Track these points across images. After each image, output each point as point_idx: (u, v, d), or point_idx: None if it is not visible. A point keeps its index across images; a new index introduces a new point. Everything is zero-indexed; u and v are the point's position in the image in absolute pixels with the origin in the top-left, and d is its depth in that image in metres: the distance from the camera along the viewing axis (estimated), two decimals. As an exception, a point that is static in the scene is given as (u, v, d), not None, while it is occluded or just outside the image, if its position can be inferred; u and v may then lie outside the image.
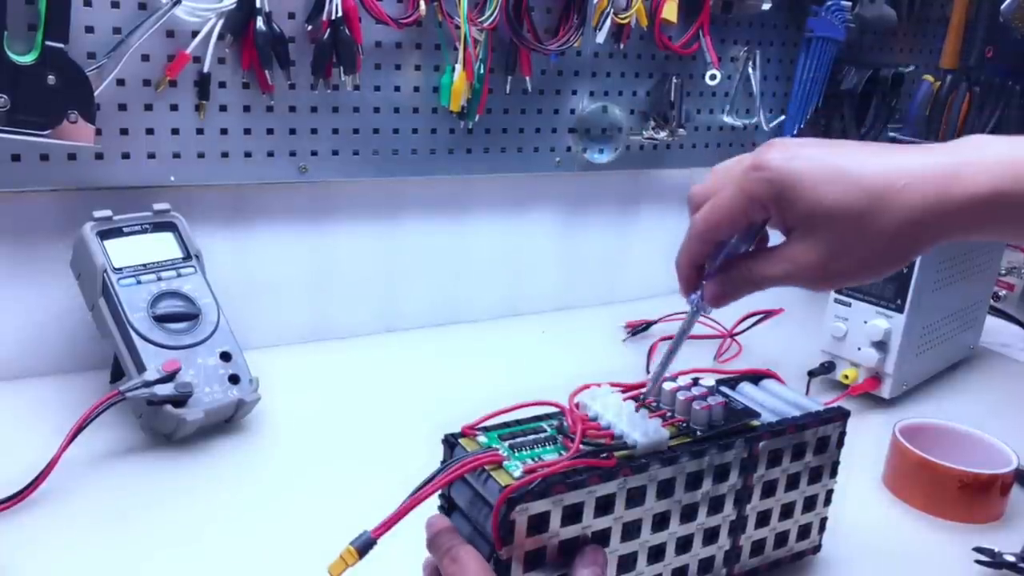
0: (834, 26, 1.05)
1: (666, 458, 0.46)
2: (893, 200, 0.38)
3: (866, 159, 0.40)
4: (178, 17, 0.73)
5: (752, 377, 0.59)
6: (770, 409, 0.54)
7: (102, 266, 0.69)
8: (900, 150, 0.40)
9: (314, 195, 0.88)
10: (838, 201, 0.39)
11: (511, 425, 0.48)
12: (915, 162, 0.39)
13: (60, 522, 0.58)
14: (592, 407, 0.48)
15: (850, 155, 0.40)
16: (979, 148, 0.39)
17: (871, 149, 0.40)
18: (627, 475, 0.45)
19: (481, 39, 0.86)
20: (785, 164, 0.40)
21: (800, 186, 0.39)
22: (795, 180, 0.39)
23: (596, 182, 1.05)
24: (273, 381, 0.75)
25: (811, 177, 0.39)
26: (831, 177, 0.39)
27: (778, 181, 0.40)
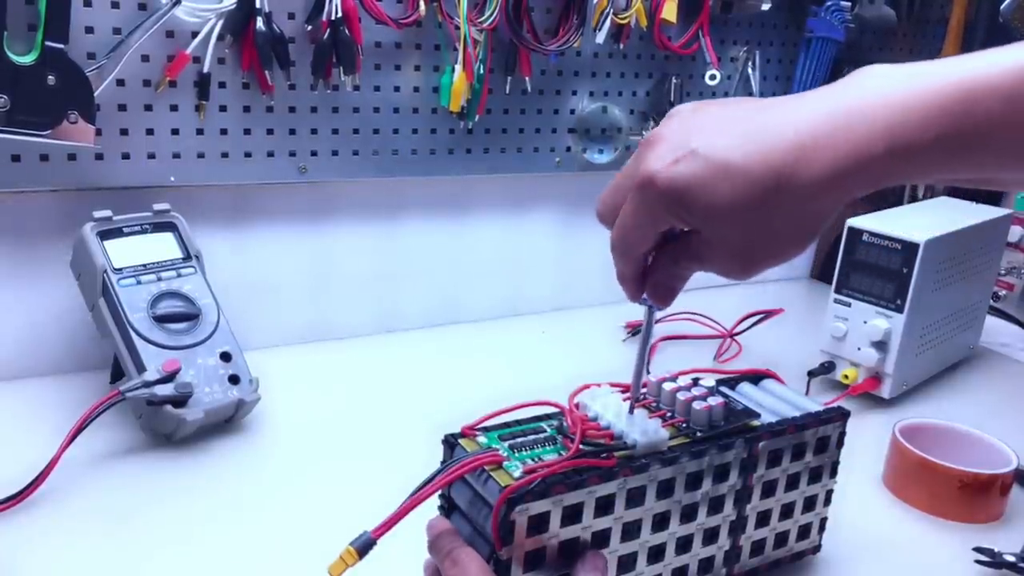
0: (834, 26, 1.05)
1: (666, 458, 0.46)
2: (787, 186, 0.36)
3: (748, 143, 0.36)
4: (178, 17, 0.73)
5: (752, 377, 0.59)
6: (770, 409, 0.54)
7: (102, 266, 0.69)
8: (781, 111, 0.37)
9: (314, 195, 0.88)
10: (733, 199, 0.36)
11: (511, 425, 0.48)
12: (802, 128, 0.36)
13: (60, 522, 0.58)
14: (592, 407, 0.48)
15: (733, 139, 0.37)
16: (863, 91, 0.36)
17: (753, 124, 0.37)
18: (627, 475, 0.45)
19: (481, 39, 0.86)
20: (669, 176, 0.37)
21: (690, 194, 0.37)
22: (683, 189, 0.37)
23: (596, 182, 1.05)
24: (273, 381, 0.75)
25: (699, 181, 0.37)
26: (718, 176, 0.36)
27: (668, 195, 0.37)
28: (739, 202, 0.36)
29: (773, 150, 0.36)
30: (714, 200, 0.37)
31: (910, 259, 0.78)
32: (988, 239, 0.91)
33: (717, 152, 0.37)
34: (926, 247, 0.78)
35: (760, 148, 0.36)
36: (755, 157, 0.36)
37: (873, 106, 0.35)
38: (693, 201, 0.37)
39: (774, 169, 0.36)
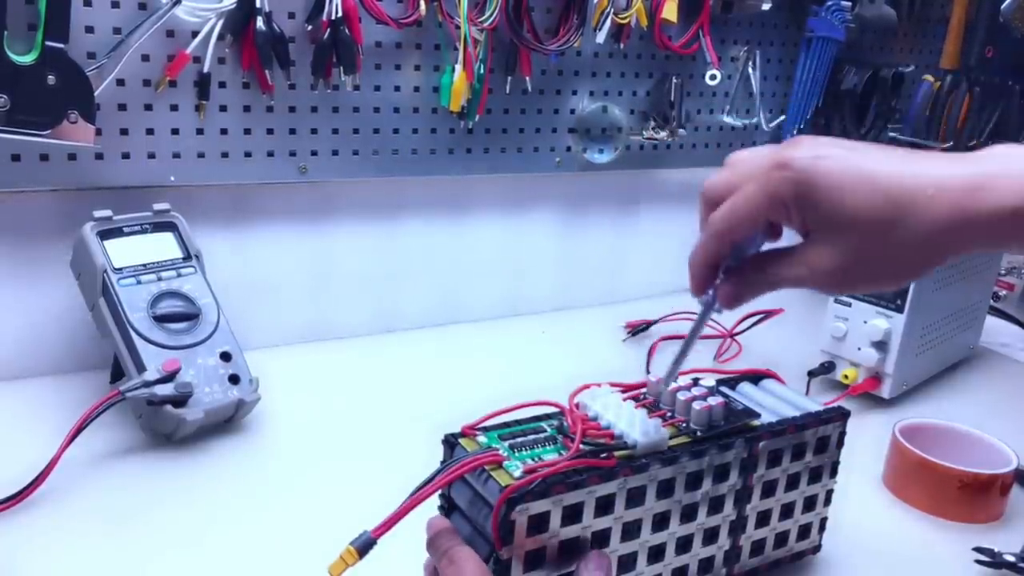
0: (834, 26, 1.05)
1: (666, 458, 0.46)
2: (918, 210, 0.37)
3: (893, 165, 0.38)
4: (178, 17, 0.73)
5: (752, 377, 0.59)
6: (770, 409, 0.54)
7: (102, 266, 0.69)
8: (926, 157, 0.39)
9: (314, 195, 0.88)
10: (862, 207, 0.37)
11: (511, 425, 0.48)
12: (942, 171, 0.38)
13: (60, 522, 0.58)
14: (592, 407, 0.48)
15: (877, 160, 0.38)
16: (1007, 159, 0.38)
17: (898, 155, 0.39)
18: (627, 475, 0.45)
19: (481, 39, 0.86)
20: (811, 164, 0.38)
21: (825, 188, 0.38)
22: (819, 182, 0.38)
23: (596, 182, 1.05)
24: (273, 381, 0.75)
25: (837, 180, 0.38)
26: (857, 181, 0.37)
27: (803, 182, 0.38)
28: (867, 212, 0.37)
29: (915, 177, 0.37)
30: (844, 202, 0.37)
31: (910, 259, 0.78)
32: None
33: (861, 162, 0.38)
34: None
35: (902, 172, 0.38)
36: (896, 175, 0.37)
37: (1010, 171, 0.37)
38: (823, 197, 0.38)
39: (913, 191, 0.37)
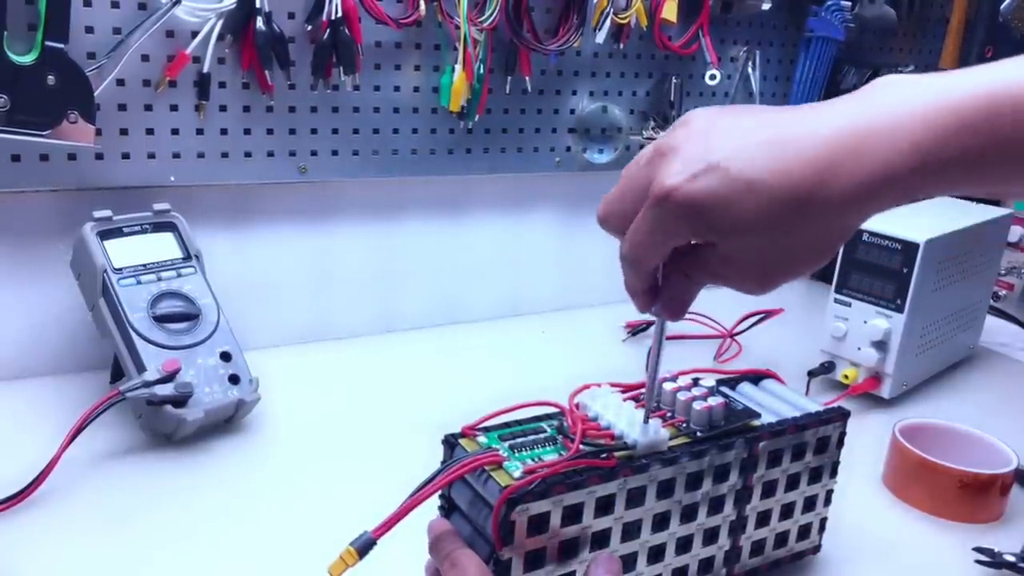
0: (834, 26, 1.05)
1: (666, 459, 0.46)
2: (811, 203, 0.35)
3: (771, 158, 0.35)
4: (178, 17, 0.73)
5: (752, 377, 0.59)
6: (769, 409, 0.54)
7: (102, 266, 0.69)
8: (802, 123, 0.36)
9: (314, 195, 0.88)
10: (756, 216, 0.35)
11: (511, 425, 0.47)
12: (825, 143, 0.35)
13: (60, 522, 0.58)
14: (592, 407, 0.48)
15: (755, 153, 0.35)
16: (885, 104, 0.35)
17: (775, 137, 0.36)
18: (627, 475, 0.45)
19: (481, 39, 0.86)
20: (689, 192, 0.36)
21: (713, 210, 0.36)
22: (705, 206, 0.36)
23: (596, 182, 1.05)
24: (273, 381, 0.75)
25: (721, 198, 0.35)
26: (742, 192, 0.35)
27: (688, 211, 0.36)
28: (763, 219, 0.36)
29: (797, 166, 0.35)
30: (737, 216, 0.36)
31: (910, 259, 0.78)
32: (988, 239, 0.91)
33: (740, 167, 0.35)
34: (926, 247, 0.78)
35: (784, 164, 0.35)
36: (779, 173, 0.35)
37: (897, 120, 0.35)
38: (715, 218, 0.36)
39: (799, 186, 0.35)
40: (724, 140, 0.36)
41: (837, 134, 0.35)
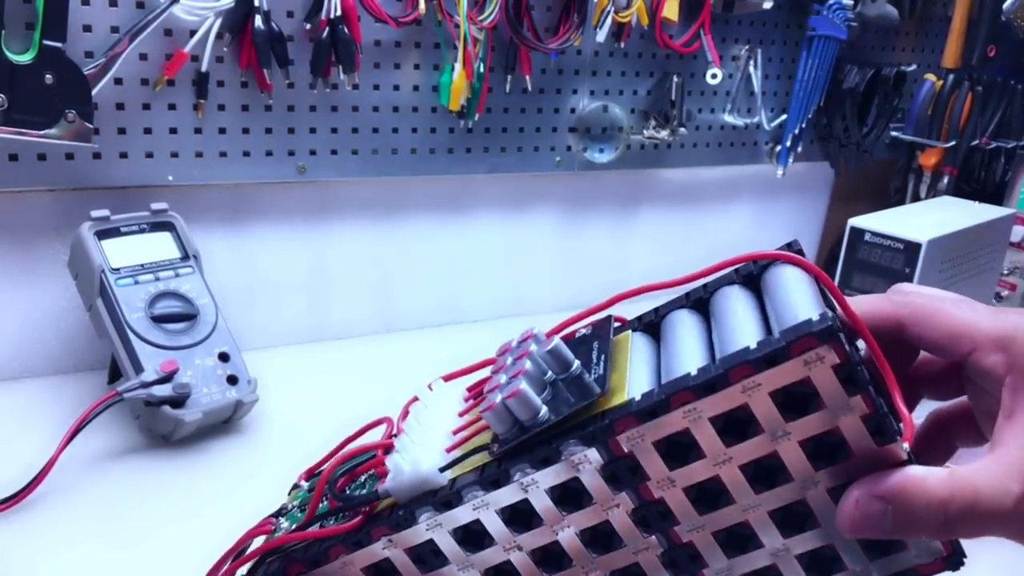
0: (836, 25, 1.05)
1: (441, 500, 0.32)
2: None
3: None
4: (176, 16, 0.73)
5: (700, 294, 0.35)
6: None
7: (99, 266, 0.69)
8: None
9: (313, 195, 0.88)
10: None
11: (351, 457, 0.38)
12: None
13: (58, 523, 0.58)
14: (407, 423, 0.37)
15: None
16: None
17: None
18: (384, 535, 0.33)
19: (481, 38, 0.85)
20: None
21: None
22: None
23: (596, 182, 1.05)
24: (272, 382, 0.75)
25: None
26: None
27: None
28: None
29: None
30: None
31: (912, 259, 0.78)
32: (991, 239, 0.90)
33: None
34: (928, 247, 0.77)
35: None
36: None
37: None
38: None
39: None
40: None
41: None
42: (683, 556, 0.32)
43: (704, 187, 1.13)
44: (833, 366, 0.27)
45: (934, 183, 1.21)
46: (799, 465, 0.29)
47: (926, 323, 0.32)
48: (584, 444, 0.30)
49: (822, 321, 0.26)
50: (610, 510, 0.31)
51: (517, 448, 0.31)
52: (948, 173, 1.19)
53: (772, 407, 0.28)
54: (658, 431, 0.29)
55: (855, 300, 0.32)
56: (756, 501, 0.30)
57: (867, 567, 0.31)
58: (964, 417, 0.34)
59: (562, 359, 0.32)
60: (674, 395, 0.28)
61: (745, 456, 0.29)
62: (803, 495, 0.29)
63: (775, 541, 0.30)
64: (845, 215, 0.87)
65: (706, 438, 0.29)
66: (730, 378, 0.28)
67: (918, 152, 1.21)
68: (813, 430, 0.28)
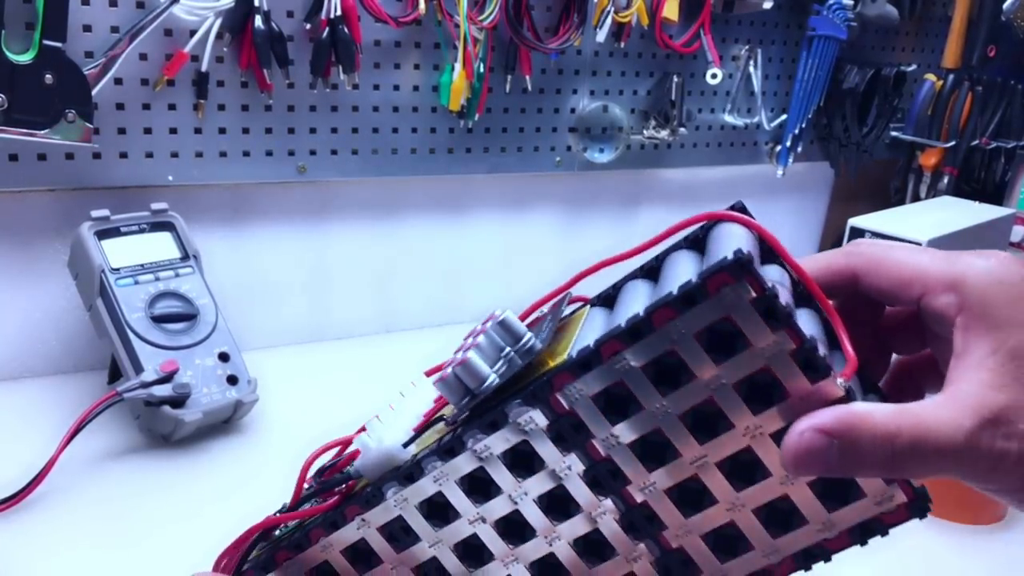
0: (836, 25, 1.05)
1: (404, 474, 0.33)
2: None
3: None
4: (176, 16, 0.73)
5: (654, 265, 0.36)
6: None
7: (99, 266, 0.69)
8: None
9: (313, 195, 0.88)
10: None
11: (335, 447, 0.39)
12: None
13: (58, 523, 0.58)
14: (385, 409, 0.38)
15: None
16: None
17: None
18: (357, 513, 0.33)
19: (481, 38, 0.85)
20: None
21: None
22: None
23: (596, 182, 1.05)
24: (271, 382, 0.75)
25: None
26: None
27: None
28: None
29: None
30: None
31: (912, 259, 0.78)
32: (991, 239, 0.90)
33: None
34: (928, 247, 0.77)
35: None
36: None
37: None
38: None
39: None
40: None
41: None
42: (640, 517, 0.31)
43: (704, 187, 1.13)
44: (751, 300, 0.26)
45: (934, 183, 1.21)
46: (737, 411, 0.28)
47: (878, 271, 0.31)
48: (527, 404, 0.30)
49: (734, 256, 0.26)
50: (563, 474, 0.31)
51: (469, 416, 0.32)
52: (948, 173, 1.19)
53: (700, 350, 0.28)
54: (593, 384, 0.29)
55: (810, 257, 0.33)
56: (701, 453, 0.29)
57: (827, 519, 0.30)
58: (929, 364, 0.34)
59: (513, 331, 0.32)
60: (604, 345, 0.29)
61: (682, 404, 0.29)
62: (747, 443, 0.29)
63: (728, 495, 0.30)
64: (845, 215, 0.88)
65: (641, 389, 0.29)
66: (654, 322, 0.28)
67: (918, 152, 1.22)
68: (743, 371, 0.28)
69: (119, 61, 0.71)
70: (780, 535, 0.31)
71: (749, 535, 0.31)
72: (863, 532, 0.31)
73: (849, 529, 0.30)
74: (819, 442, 0.27)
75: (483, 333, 0.33)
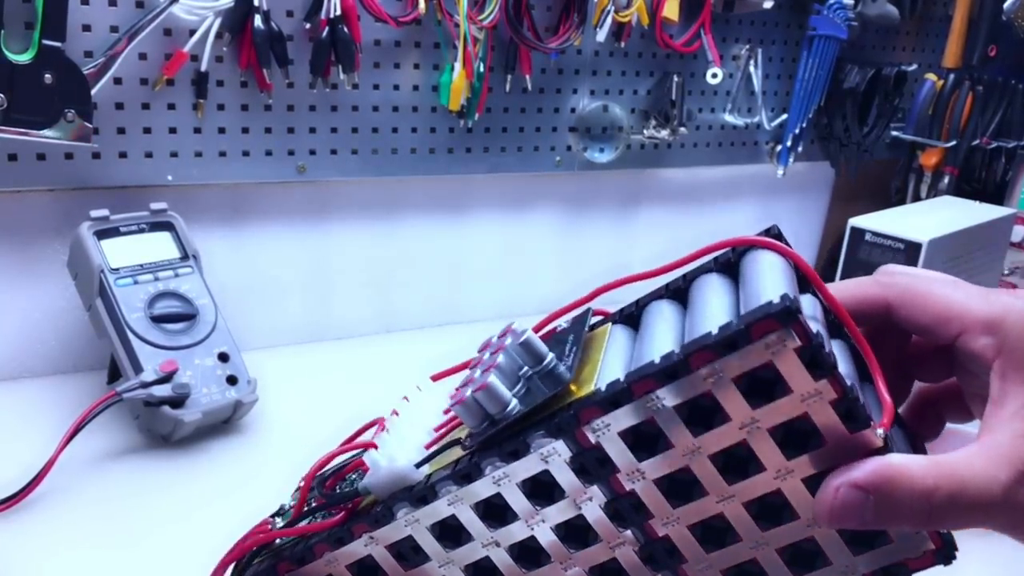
0: (836, 24, 1.05)
1: (417, 495, 0.32)
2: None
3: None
4: (176, 15, 0.72)
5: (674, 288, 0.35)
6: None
7: (99, 266, 0.69)
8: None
9: (312, 194, 0.88)
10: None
11: (338, 456, 0.39)
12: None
13: (57, 523, 0.58)
14: (394, 418, 0.38)
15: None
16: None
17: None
18: (365, 531, 0.33)
19: (481, 37, 0.85)
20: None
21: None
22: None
23: (596, 182, 1.05)
24: (271, 382, 0.75)
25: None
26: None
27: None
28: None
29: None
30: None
31: (913, 259, 0.77)
32: (992, 239, 0.90)
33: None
34: (929, 247, 0.77)
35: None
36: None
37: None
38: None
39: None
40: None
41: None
42: (660, 550, 0.31)
43: (704, 187, 1.13)
44: (795, 349, 0.26)
45: (935, 183, 1.21)
46: (770, 454, 0.28)
47: (914, 305, 0.31)
48: (551, 436, 0.29)
49: (782, 303, 0.25)
50: (583, 504, 0.30)
51: (488, 441, 0.31)
52: (949, 173, 1.19)
53: (737, 394, 0.27)
54: (623, 421, 0.28)
55: (841, 284, 0.32)
56: (729, 492, 0.29)
57: (852, 561, 0.29)
58: (952, 394, 0.33)
59: (535, 352, 0.31)
60: (636, 383, 0.28)
61: (714, 445, 0.28)
62: (777, 486, 0.28)
63: (753, 534, 0.29)
64: (845, 215, 0.87)
65: (672, 428, 0.28)
66: (691, 364, 0.27)
67: (919, 152, 1.21)
68: (781, 417, 0.27)
69: (118, 61, 0.71)
70: (802, 574, 0.30)
71: (770, 573, 0.30)
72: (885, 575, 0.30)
73: (871, 573, 0.30)
74: (855, 498, 0.26)
75: (502, 351, 0.32)
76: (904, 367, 0.34)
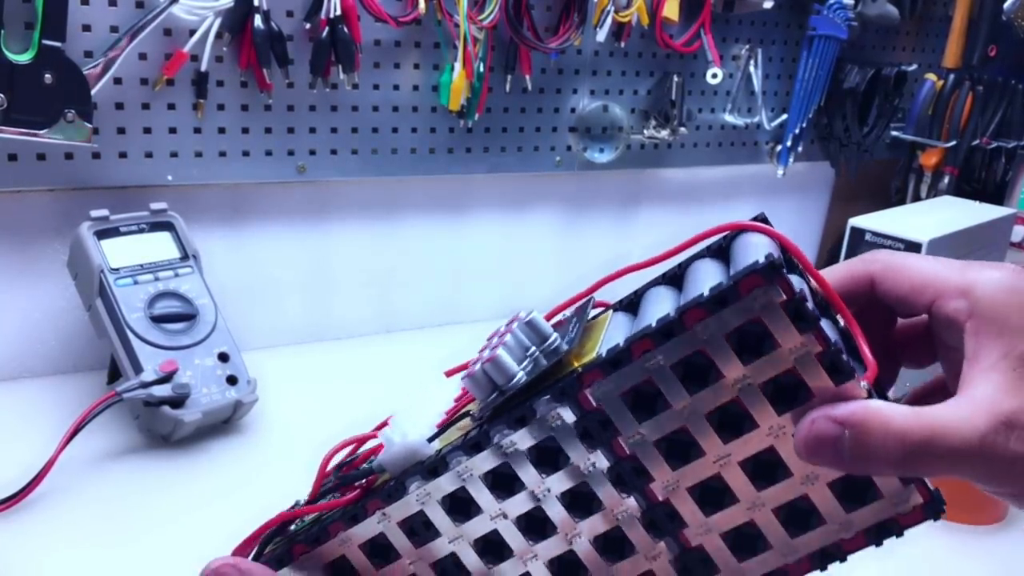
0: (836, 24, 1.05)
1: (428, 467, 0.32)
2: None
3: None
4: (176, 15, 0.73)
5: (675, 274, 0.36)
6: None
7: (99, 266, 0.69)
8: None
9: (312, 194, 0.88)
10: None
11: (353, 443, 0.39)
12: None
13: (57, 523, 0.58)
14: (399, 412, 0.38)
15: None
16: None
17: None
18: (378, 507, 0.33)
19: (481, 37, 0.85)
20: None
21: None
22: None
23: (596, 182, 1.05)
24: (271, 382, 0.75)
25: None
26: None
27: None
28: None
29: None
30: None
31: (913, 259, 0.77)
32: (992, 239, 0.90)
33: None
34: (929, 247, 0.77)
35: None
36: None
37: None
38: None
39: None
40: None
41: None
42: (662, 515, 0.32)
43: (704, 187, 1.13)
44: (781, 303, 0.27)
45: (935, 183, 1.21)
46: (762, 409, 0.29)
47: (894, 277, 0.32)
48: (555, 400, 0.31)
49: (766, 260, 0.27)
50: (587, 471, 0.31)
51: (496, 411, 0.32)
52: (949, 173, 1.19)
53: (729, 351, 0.28)
54: (623, 382, 0.30)
55: (829, 268, 0.33)
56: (725, 451, 0.30)
57: (846, 519, 0.30)
58: (943, 392, 0.34)
59: (540, 332, 0.33)
60: (635, 343, 0.29)
61: (710, 403, 0.29)
62: (770, 443, 0.29)
63: (749, 494, 0.30)
64: (845, 215, 0.87)
65: (670, 387, 0.29)
66: (685, 322, 0.28)
67: (919, 152, 1.21)
68: (770, 371, 0.28)
69: (119, 61, 0.71)
70: (798, 535, 0.31)
71: (768, 534, 0.31)
72: (879, 533, 0.31)
73: (865, 530, 0.31)
74: (830, 430, 0.27)
75: (509, 332, 0.33)
76: (890, 352, 0.35)
